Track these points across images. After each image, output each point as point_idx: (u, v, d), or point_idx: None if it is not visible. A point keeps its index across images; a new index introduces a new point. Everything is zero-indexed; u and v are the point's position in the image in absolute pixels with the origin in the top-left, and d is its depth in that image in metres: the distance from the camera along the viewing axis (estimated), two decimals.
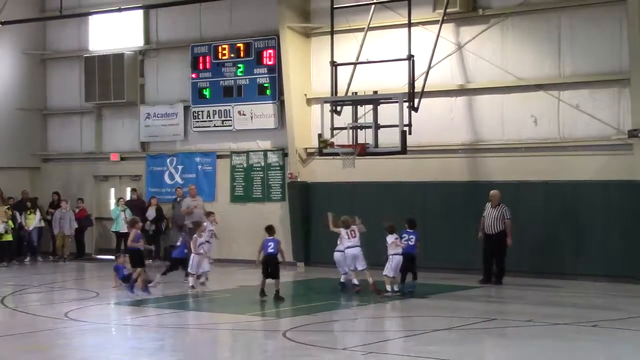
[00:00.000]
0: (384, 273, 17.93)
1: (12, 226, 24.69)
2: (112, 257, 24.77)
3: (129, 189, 26.58)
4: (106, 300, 18.11)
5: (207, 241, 19.43)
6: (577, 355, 12.35)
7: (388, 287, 17.83)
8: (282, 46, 23.16)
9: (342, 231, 18.52)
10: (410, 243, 18.06)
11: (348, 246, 18.37)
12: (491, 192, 19.76)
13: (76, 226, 25.82)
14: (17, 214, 25.57)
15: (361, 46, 21.17)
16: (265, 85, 23.91)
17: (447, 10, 20.69)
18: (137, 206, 25.21)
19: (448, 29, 21.38)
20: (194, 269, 18.68)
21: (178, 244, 19.92)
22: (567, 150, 20.32)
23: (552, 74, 20.55)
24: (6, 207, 25.01)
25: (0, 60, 27.19)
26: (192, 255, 18.65)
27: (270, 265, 17.58)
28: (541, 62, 20.70)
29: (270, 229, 17.91)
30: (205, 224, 19.70)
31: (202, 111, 25.01)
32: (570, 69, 20.37)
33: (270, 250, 17.64)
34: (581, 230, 19.96)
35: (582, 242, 19.93)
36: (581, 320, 14.78)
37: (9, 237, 24.55)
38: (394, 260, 17.93)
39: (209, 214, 20.80)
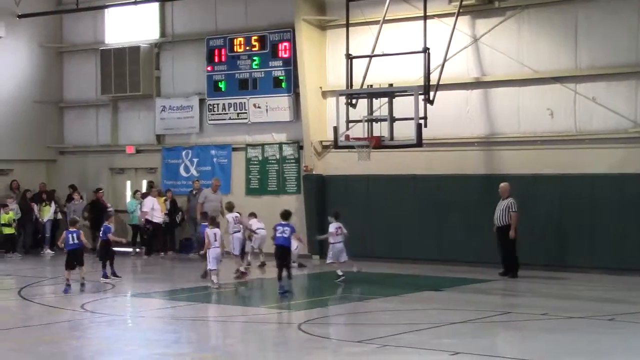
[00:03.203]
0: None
1: (14, 218, 24.82)
2: (130, 250, 25.00)
3: (144, 182, 26.68)
4: (122, 292, 18.20)
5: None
6: (594, 348, 12.30)
7: (339, 272, 18.75)
8: (298, 39, 23.15)
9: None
10: (285, 235, 17.47)
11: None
12: (500, 184, 19.71)
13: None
14: (35, 206, 25.74)
15: (376, 39, 21.14)
16: (281, 78, 23.92)
17: (463, 2, 20.64)
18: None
19: (464, 21, 21.32)
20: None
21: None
22: (584, 143, 20.23)
23: (569, 67, 20.46)
24: (163, 198, 24.88)
25: (18, 53, 27.30)
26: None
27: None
28: (557, 55, 20.61)
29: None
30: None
31: (218, 104, 25.05)
32: (587, 62, 20.27)
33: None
34: (597, 224, 19.88)
35: (598, 235, 19.85)
36: (597, 314, 14.73)
37: (11, 230, 24.70)
38: (335, 249, 19.07)
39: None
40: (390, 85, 20.00)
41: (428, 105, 19.52)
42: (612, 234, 19.69)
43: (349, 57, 20.53)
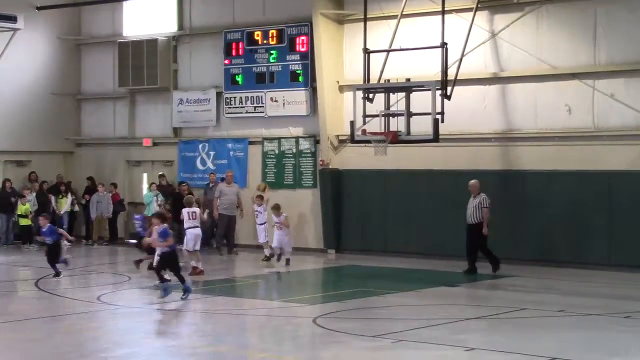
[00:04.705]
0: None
1: (31, 210, 24.96)
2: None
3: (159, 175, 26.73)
4: (138, 284, 18.25)
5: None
6: (610, 345, 12.26)
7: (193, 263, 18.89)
8: (315, 33, 23.13)
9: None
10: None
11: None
12: (470, 182, 19.57)
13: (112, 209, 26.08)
14: (52, 198, 25.88)
15: (394, 33, 21.10)
16: (298, 72, 23.91)
17: None
18: (167, 191, 25.34)
19: (482, 16, 21.25)
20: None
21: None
22: (602, 139, 20.13)
23: (587, 63, 20.36)
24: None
25: (36, 46, 27.40)
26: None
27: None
28: (576, 51, 20.51)
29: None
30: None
31: (235, 97, 25.07)
32: (606, 58, 20.17)
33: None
34: (615, 220, 19.79)
35: (616, 232, 19.77)
36: (614, 311, 14.67)
37: (27, 222, 24.83)
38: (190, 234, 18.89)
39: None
40: (408, 80, 19.96)
41: (445, 100, 19.46)
42: (630, 231, 19.58)
43: (367, 52, 20.50)
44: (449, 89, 19.58)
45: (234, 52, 24.98)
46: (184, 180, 25.66)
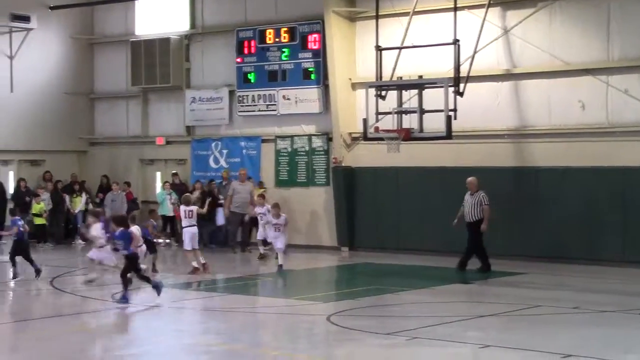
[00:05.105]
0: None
1: (45, 209, 25.02)
2: (160, 241, 25.09)
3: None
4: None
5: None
6: (625, 342, 12.22)
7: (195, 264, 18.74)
8: (327, 31, 23.12)
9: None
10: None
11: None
12: (468, 179, 19.46)
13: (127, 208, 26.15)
14: (67, 197, 25.96)
15: (406, 30, 21.08)
16: (310, 69, 23.90)
17: None
18: (180, 190, 25.36)
19: (494, 12, 21.19)
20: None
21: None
22: (615, 135, 20.05)
23: (601, 58, 20.27)
24: (261, 190, 23.68)
25: (49, 45, 27.49)
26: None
27: None
28: (589, 46, 20.42)
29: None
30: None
31: (247, 95, 25.09)
32: (619, 53, 20.07)
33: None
34: (629, 217, 19.71)
35: (631, 229, 19.69)
36: (629, 308, 14.62)
37: (42, 220, 24.91)
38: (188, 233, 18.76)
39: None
40: (420, 77, 19.95)
41: (458, 97, 19.44)
42: None
43: (379, 49, 20.49)
44: (461, 85, 19.55)
45: (246, 51, 24.99)
46: (198, 179, 25.66)
